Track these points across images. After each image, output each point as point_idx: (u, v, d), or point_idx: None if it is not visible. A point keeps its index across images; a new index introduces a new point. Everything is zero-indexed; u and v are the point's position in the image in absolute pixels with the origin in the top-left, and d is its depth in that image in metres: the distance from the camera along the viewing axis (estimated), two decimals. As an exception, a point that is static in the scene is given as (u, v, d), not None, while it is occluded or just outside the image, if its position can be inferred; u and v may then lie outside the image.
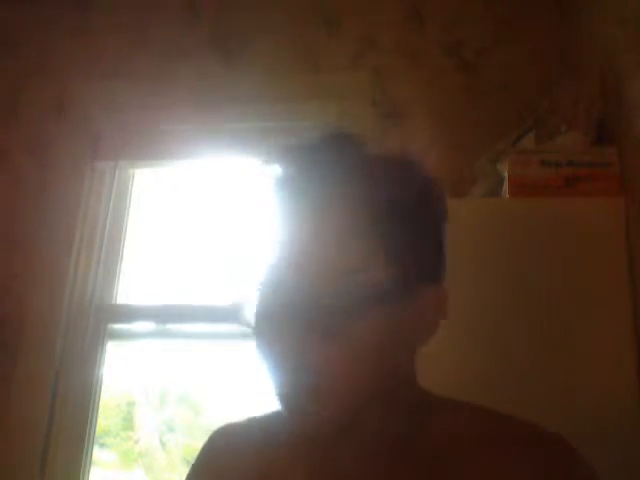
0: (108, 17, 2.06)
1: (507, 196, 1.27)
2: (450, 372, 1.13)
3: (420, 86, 1.85)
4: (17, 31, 2.11)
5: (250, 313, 0.67)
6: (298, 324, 0.63)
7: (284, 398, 0.66)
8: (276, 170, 0.69)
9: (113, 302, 1.90)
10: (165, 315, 1.84)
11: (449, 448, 0.66)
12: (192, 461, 0.85)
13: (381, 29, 1.91)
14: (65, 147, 1.96)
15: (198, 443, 0.85)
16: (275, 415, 0.77)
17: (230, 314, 0.70)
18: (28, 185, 1.95)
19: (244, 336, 0.82)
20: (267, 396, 0.69)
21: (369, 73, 1.87)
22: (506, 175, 1.28)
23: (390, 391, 0.68)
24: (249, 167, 1.90)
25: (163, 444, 1.77)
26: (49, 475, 1.72)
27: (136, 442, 1.80)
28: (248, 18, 1.99)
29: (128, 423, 1.82)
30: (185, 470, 0.85)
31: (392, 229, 0.65)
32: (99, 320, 1.86)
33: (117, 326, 1.88)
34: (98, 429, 1.79)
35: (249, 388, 1.67)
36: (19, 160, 1.98)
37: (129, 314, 1.89)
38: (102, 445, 1.79)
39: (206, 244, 1.88)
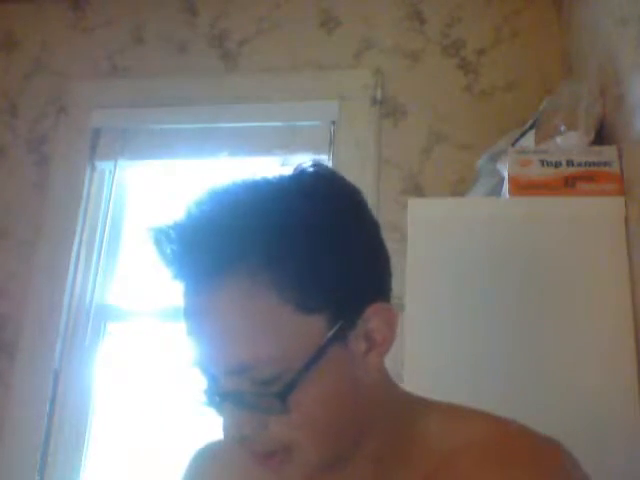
0: (107, 15, 2.07)
1: (507, 196, 1.27)
2: (449, 372, 1.13)
3: (420, 86, 1.85)
4: (16, 30, 2.11)
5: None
6: (239, 408, 0.61)
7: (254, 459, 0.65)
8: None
9: (113, 302, 1.90)
10: (165, 314, 1.84)
11: (442, 467, 0.64)
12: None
13: (381, 29, 1.92)
14: (64, 146, 1.96)
15: (197, 443, 0.85)
16: None
17: None
18: (27, 184, 1.95)
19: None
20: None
21: (369, 73, 1.87)
22: (506, 175, 1.28)
23: (365, 419, 0.66)
24: (249, 167, 1.90)
25: (161, 444, 1.77)
26: (48, 475, 1.72)
27: (134, 442, 1.80)
28: (247, 17, 1.99)
29: (126, 422, 1.82)
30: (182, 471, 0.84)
31: (304, 279, 0.60)
32: (98, 320, 1.86)
33: (117, 326, 1.88)
34: (96, 428, 1.79)
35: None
36: (18, 159, 1.98)
37: (128, 314, 1.89)
38: (101, 445, 1.79)
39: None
